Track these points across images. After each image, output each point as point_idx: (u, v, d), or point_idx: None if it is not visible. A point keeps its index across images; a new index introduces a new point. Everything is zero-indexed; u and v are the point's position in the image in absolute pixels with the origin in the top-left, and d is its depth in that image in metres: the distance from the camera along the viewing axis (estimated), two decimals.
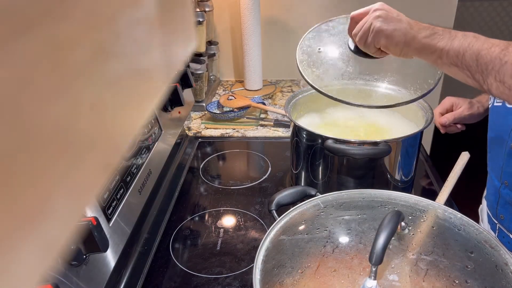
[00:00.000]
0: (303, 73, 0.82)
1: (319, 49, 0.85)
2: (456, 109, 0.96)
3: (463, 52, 0.61)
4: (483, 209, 0.94)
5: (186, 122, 1.25)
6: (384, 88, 0.84)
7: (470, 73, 0.61)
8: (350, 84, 0.84)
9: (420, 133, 0.83)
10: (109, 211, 0.64)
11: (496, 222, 0.85)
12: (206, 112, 1.34)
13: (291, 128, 0.91)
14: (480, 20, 1.92)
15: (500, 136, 0.79)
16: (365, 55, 0.76)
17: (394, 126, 0.82)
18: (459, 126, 0.98)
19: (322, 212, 0.62)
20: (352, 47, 0.79)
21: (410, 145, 0.84)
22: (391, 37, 0.67)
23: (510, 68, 0.57)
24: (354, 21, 0.74)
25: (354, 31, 0.73)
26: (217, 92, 1.55)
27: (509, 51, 0.58)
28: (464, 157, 0.85)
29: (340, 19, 0.86)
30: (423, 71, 0.81)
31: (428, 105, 0.86)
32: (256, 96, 1.39)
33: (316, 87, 0.81)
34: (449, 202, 0.80)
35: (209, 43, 1.46)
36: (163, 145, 0.92)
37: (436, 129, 1.68)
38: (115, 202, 0.66)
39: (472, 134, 2.40)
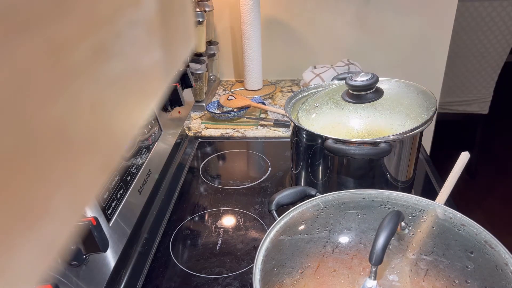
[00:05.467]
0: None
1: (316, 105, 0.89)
2: None
3: None
4: None
5: (186, 122, 1.25)
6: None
7: None
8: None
9: (420, 133, 0.83)
10: (109, 211, 0.64)
11: None
12: (206, 112, 1.34)
13: (291, 128, 0.91)
14: (480, 20, 1.92)
15: None
16: (357, 100, 0.81)
17: (394, 126, 0.82)
18: None
19: (322, 212, 0.62)
20: (344, 97, 0.84)
21: (410, 145, 0.84)
22: None
23: None
24: None
25: None
26: (217, 92, 1.55)
27: None
28: (464, 157, 0.85)
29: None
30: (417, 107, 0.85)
31: (429, 105, 0.86)
32: (256, 96, 1.39)
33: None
34: (449, 202, 0.80)
35: (209, 43, 1.46)
36: (163, 145, 0.92)
37: (436, 129, 1.68)
38: (115, 202, 0.66)
39: (472, 134, 2.40)
